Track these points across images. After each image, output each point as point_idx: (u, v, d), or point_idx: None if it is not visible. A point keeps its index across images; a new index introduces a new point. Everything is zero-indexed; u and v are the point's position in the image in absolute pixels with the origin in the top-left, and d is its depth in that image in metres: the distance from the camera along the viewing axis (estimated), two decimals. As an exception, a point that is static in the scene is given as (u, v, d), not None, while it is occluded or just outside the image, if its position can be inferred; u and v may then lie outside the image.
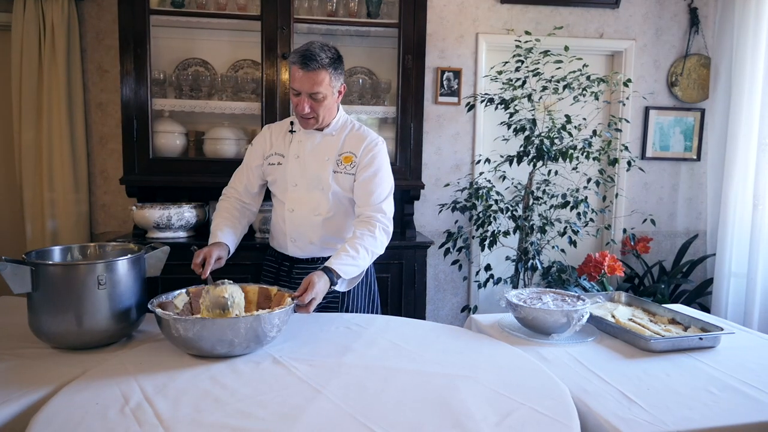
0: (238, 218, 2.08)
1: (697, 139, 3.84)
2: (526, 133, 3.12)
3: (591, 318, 1.79)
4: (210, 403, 1.22)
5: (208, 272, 1.79)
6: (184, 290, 1.67)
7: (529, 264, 3.19)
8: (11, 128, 3.19)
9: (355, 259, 1.84)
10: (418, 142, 3.09)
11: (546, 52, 3.09)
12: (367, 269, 2.08)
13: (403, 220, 3.27)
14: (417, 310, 3.01)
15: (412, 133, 3.07)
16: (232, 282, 1.64)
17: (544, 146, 3.06)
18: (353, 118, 2.14)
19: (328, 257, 1.87)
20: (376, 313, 2.16)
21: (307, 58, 1.84)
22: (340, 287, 1.83)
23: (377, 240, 1.91)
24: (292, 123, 2.06)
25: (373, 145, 2.00)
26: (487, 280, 3.30)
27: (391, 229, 1.99)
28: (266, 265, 2.17)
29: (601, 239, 3.83)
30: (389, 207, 2.00)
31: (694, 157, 3.86)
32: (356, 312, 2.06)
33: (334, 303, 2.02)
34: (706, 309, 3.62)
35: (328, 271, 1.75)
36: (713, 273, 3.61)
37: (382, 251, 1.96)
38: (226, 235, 1.98)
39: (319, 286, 1.70)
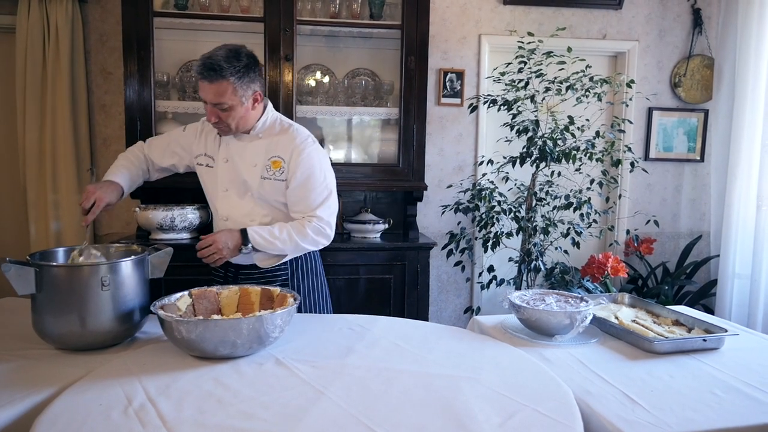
0: (139, 173, 2.05)
1: (701, 140, 3.83)
2: (529, 134, 3.12)
3: (594, 319, 1.79)
4: (213, 404, 1.22)
5: (91, 220, 1.81)
6: (186, 292, 1.67)
7: (532, 265, 3.18)
8: (15, 130, 3.20)
9: (274, 236, 1.85)
10: (421, 144, 3.09)
11: (549, 54, 3.09)
12: (315, 262, 2.10)
13: (405, 221, 3.27)
14: (420, 312, 3.01)
15: (414, 135, 3.07)
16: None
17: (547, 147, 3.05)
18: (355, 119, 2.12)
19: (275, 263, 1.95)
20: (325, 298, 2.16)
21: (207, 68, 1.75)
22: (250, 253, 1.86)
23: (308, 234, 1.88)
24: None
25: (301, 148, 1.90)
26: (490, 282, 3.30)
27: (329, 232, 1.93)
28: (214, 270, 2.12)
29: (605, 240, 3.82)
30: (326, 212, 1.92)
31: (698, 158, 3.85)
32: (302, 292, 2.05)
33: (282, 277, 2.01)
34: (709, 310, 3.61)
35: (243, 233, 1.83)
36: (717, 274, 3.60)
37: (312, 247, 1.94)
38: (124, 177, 1.95)
39: (219, 234, 1.81)
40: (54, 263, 1.63)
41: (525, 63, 3.16)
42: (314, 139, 1.98)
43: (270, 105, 1.99)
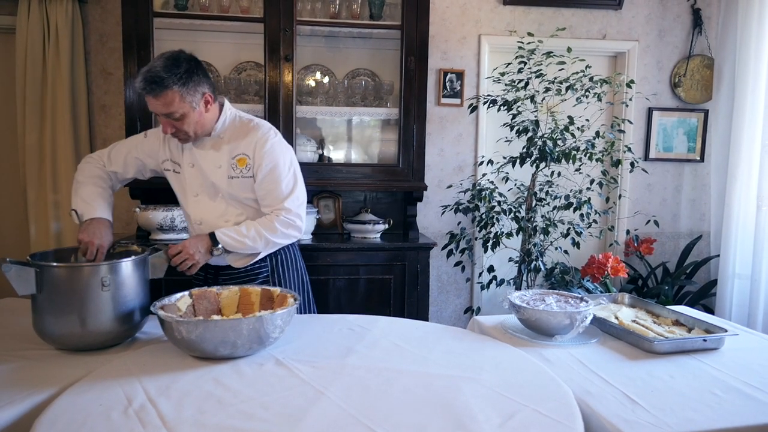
0: (108, 191, 1.95)
1: (701, 140, 3.83)
2: (529, 134, 3.12)
3: (594, 319, 1.79)
4: (213, 404, 1.22)
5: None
6: (186, 292, 1.68)
7: (532, 265, 3.18)
8: (15, 130, 3.20)
9: (242, 234, 1.85)
10: (421, 144, 3.09)
11: (549, 54, 3.09)
12: (295, 256, 2.11)
13: (405, 221, 3.27)
14: (420, 312, 3.01)
15: (414, 135, 3.07)
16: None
17: (546, 148, 3.05)
18: (355, 119, 2.11)
19: (254, 263, 1.95)
20: (307, 293, 2.16)
21: (148, 81, 1.71)
22: (228, 258, 1.88)
23: (276, 229, 1.88)
24: None
25: (263, 141, 1.89)
26: (490, 282, 3.29)
27: (299, 223, 1.93)
28: (194, 274, 2.07)
29: (605, 241, 3.83)
30: (294, 203, 1.91)
31: (698, 158, 3.85)
32: (286, 286, 2.05)
33: (263, 275, 2.01)
34: (709, 310, 3.61)
35: (212, 236, 1.83)
36: (717, 274, 3.60)
37: (282, 241, 1.94)
38: (103, 208, 1.86)
39: (189, 241, 1.80)
40: (54, 263, 1.63)
41: (525, 63, 3.16)
42: (276, 131, 1.97)
43: (227, 103, 1.96)
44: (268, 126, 1.96)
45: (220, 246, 1.84)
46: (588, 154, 3.10)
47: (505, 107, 3.14)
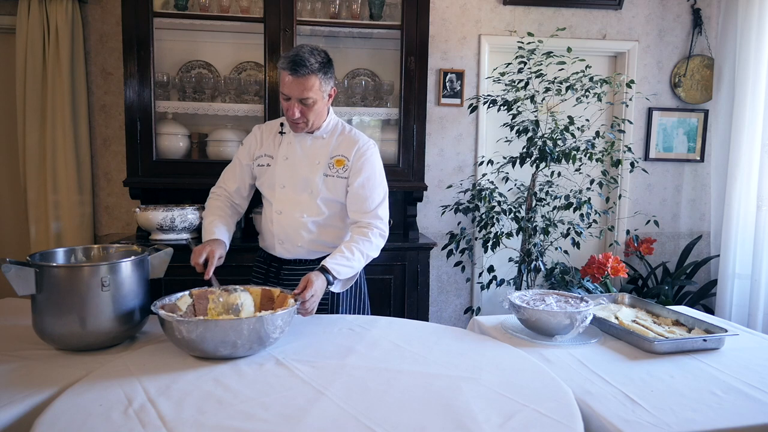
0: (230, 215, 2.06)
1: (701, 140, 3.83)
2: (529, 134, 3.12)
3: (594, 320, 1.79)
4: (213, 404, 1.22)
5: (212, 272, 1.78)
6: (187, 292, 1.67)
7: (532, 265, 3.18)
8: (15, 130, 3.21)
9: (350, 260, 1.85)
10: (421, 144, 3.09)
11: (549, 54, 3.09)
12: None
13: (405, 221, 3.27)
14: (420, 312, 3.01)
15: (414, 135, 3.07)
16: (243, 288, 1.68)
17: (546, 148, 3.05)
18: (355, 119, 2.13)
19: (317, 260, 1.92)
20: (366, 313, 2.15)
21: (296, 63, 1.80)
22: (335, 288, 1.85)
23: (373, 244, 1.92)
24: (282, 124, 2.04)
25: (365, 149, 1.98)
26: (490, 282, 3.30)
27: (387, 233, 1.99)
28: (256, 266, 2.16)
29: (605, 241, 3.83)
30: (384, 212, 1.99)
31: (698, 158, 3.85)
32: (346, 312, 2.05)
33: (324, 304, 2.00)
34: (710, 310, 3.61)
35: (325, 272, 1.78)
36: (717, 274, 3.60)
37: (377, 254, 1.97)
38: (222, 232, 1.96)
39: (317, 284, 1.73)
40: (54, 264, 1.63)
41: (525, 63, 3.16)
42: (374, 143, 2.05)
43: (332, 109, 2.05)
44: (367, 137, 2.05)
45: (337, 279, 1.82)
46: (588, 154, 3.10)
47: (505, 107, 3.14)
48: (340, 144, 2.00)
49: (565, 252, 3.32)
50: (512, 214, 3.22)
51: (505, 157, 3.26)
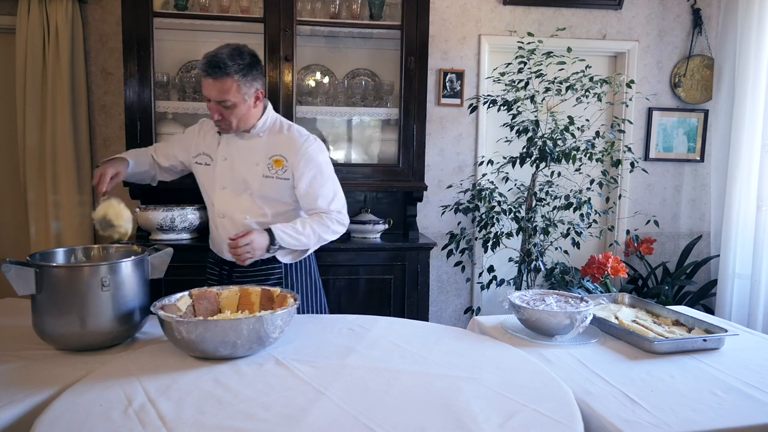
0: (144, 157, 2.09)
1: (701, 140, 3.83)
2: (529, 134, 3.12)
3: (594, 320, 1.79)
4: (213, 404, 1.22)
5: (104, 188, 1.83)
6: (187, 292, 1.67)
7: (532, 265, 3.18)
8: (15, 130, 3.20)
9: (299, 233, 1.88)
10: (421, 144, 3.09)
11: (549, 54, 3.09)
12: (310, 262, 2.13)
13: (405, 221, 3.27)
14: (420, 312, 3.01)
15: (414, 135, 3.07)
16: (117, 199, 1.83)
17: (546, 148, 3.05)
18: (355, 119, 2.13)
19: (268, 260, 1.95)
20: (318, 295, 2.16)
21: (212, 65, 1.78)
22: (281, 256, 1.89)
23: (329, 228, 1.94)
24: None
25: (305, 147, 1.94)
26: (490, 282, 3.29)
27: (346, 221, 2.01)
28: (209, 268, 2.14)
29: (605, 241, 3.83)
30: (338, 205, 2.00)
31: (698, 158, 3.85)
32: (297, 290, 2.06)
33: (278, 276, 2.02)
34: (710, 310, 3.61)
35: (270, 233, 1.83)
36: (717, 274, 3.60)
37: (331, 238, 1.98)
38: (128, 154, 2.01)
39: (256, 236, 1.80)
40: (54, 263, 1.63)
41: (525, 63, 3.16)
42: (315, 137, 2.01)
43: (270, 106, 2.02)
44: (307, 132, 2.02)
45: (277, 244, 1.86)
46: (588, 154, 3.10)
47: (505, 107, 3.14)
48: (279, 143, 1.96)
49: (565, 252, 3.32)
50: (512, 214, 3.22)
51: (505, 157, 3.26)
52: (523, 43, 3.16)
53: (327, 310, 2.21)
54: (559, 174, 3.24)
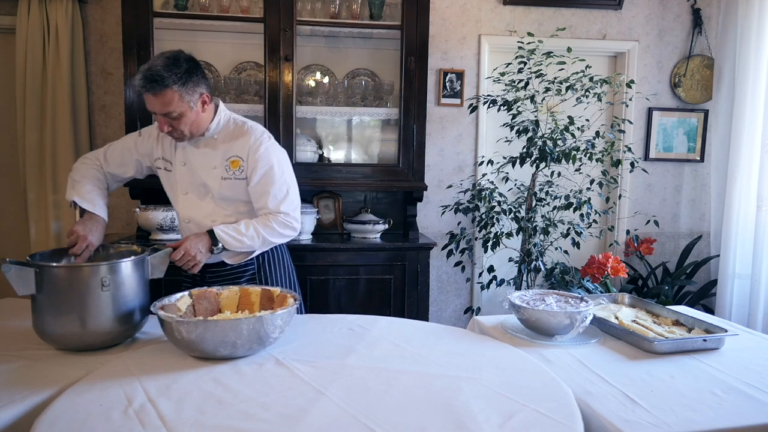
0: (105, 190, 1.99)
1: (701, 140, 3.83)
2: (529, 134, 3.12)
3: (594, 320, 1.79)
4: (213, 404, 1.22)
5: (81, 259, 1.76)
6: (187, 292, 1.67)
7: (532, 265, 3.18)
8: (15, 130, 3.20)
9: (241, 233, 1.87)
10: (421, 144, 3.09)
11: (549, 54, 3.09)
12: (283, 255, 2.12)
13: (405, 221, 3.27)
14: (420, 312, 3.01)
15: (414, 135, 3.07)
16: None
17: (546, 148, 3.05)
18: (355, 119, 2.11)
19: (244, 259, 1.95)
20: (294, 291, 2.14)
21: (148, 80, 1.73)
22: (220, 253, 1.87)
23: (274, 230, 1.91)
24: None
25: (257, 145, 1.92)
26: (490, 282, 3.29)
27: (295, 225, 1.96)
28: (182, 272, 2.09)
29: (605, 241, 3.83)
30: (289, 206, 1.94)
31: (698, 158, 3.85)
32: (274, 283, 2.05)
33: (252, 273, 2.03)
34: (710, 310, 3.61)
35: (211, 234, 1.83)
36: (717, 274, 3.60)
37: (279, 241, 1.96)
38: (101, 206, 1.91)
39: (189, 242, 1.79)
40: (54, 263, 1.63)
41: (525, 63, 3.16)
42: (269, 135, 1.99)
43: (222, 105, 1.98)
44: (261, 129, 1.98)
45: (220, 245, 1.85)
46: (588, 154, 3.10)
47: (505, 107, 3.14)
48: (234, 144, 1.94)
49: (565, 252, 3.32)
50: (512, 214, 3.22)
51: (505, 157, 3.26)
52: (523, 43, 3.16)
53: (303, 309, 2.20)
54: (559, 174, 3.24)
